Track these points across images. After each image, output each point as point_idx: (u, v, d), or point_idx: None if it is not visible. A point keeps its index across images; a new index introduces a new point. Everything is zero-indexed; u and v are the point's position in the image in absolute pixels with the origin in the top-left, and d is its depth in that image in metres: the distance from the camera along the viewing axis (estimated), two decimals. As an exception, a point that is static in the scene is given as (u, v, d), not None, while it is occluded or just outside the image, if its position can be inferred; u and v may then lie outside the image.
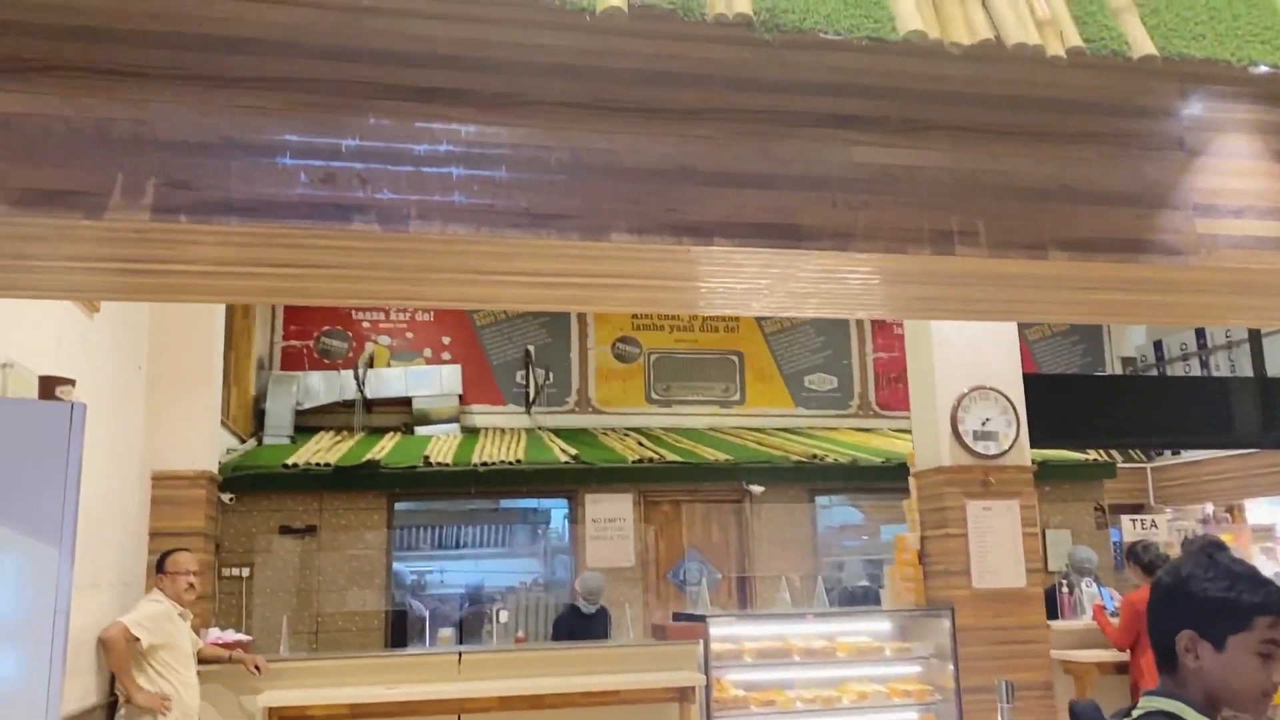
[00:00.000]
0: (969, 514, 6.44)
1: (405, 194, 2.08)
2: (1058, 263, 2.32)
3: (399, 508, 8.80)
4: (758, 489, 9.04)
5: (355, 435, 9.55)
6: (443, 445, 9.02)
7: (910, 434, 7.05)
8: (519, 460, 8.50)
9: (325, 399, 9.82)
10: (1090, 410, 8.12)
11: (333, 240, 2.10)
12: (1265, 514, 10.11)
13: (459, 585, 9.83)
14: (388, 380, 10.05)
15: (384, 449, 8.76)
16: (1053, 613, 6.73)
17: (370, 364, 10.19)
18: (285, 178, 2.04)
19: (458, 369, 10.23)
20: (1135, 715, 1.64)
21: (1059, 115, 2.34)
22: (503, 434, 9.90)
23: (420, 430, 9.82)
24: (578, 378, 10.80)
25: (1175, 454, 11.16)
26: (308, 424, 9.69)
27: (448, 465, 8.32)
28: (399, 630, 8.23)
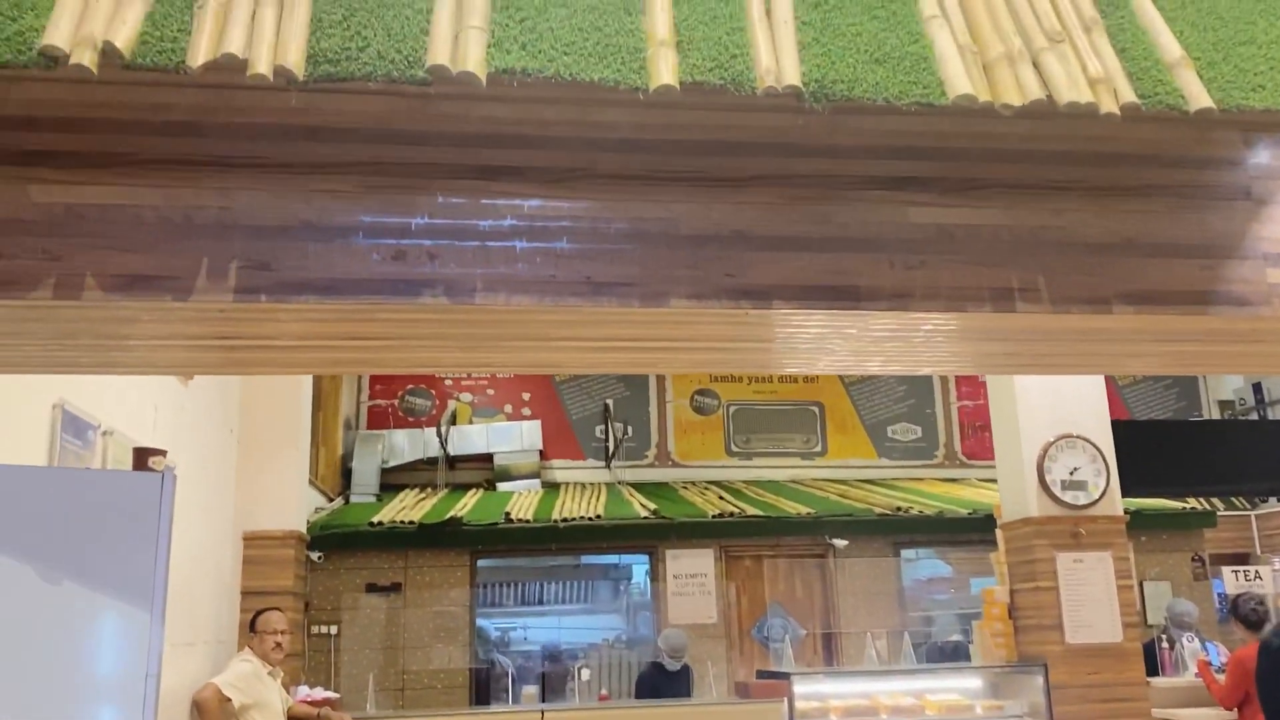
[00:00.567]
0: (1059, 566, 6.26)
1: (471, 268, 2.17)
2: (1123, 317, 2.29)
3: (481, 564, 8.90)
4: (841, 543, 8.92)
5: (439, 492, 9.71)
6: (524, 501, 9.11)
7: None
8: (599, 516, 8.54)
9: (410, 457, 10.02)
10: (1185, 457, 7.85)
11: (403, 314, 2.20)
12: (1382, 564, 9.58)
13: (542, 642, 9.86)
14: (470, 437, 10.22)
15: (466, 506, 8.89)
16: (1152, 669, 6.46)
17: (453, 421, 10.39)
18: (359, 256, 2.15)
19: (538, 425, 10.36)
20: None
21: (1118, 169, 2.33)
22: (583, 489, 9.96)
23: (502, 486, 9.94)
24: (657, 431, 10.83)
25: (1282, 501, 10.68)
26: (393, 482, 9.89)
27: (528, 521, 8.40)
28: (483, 687, 8.28)
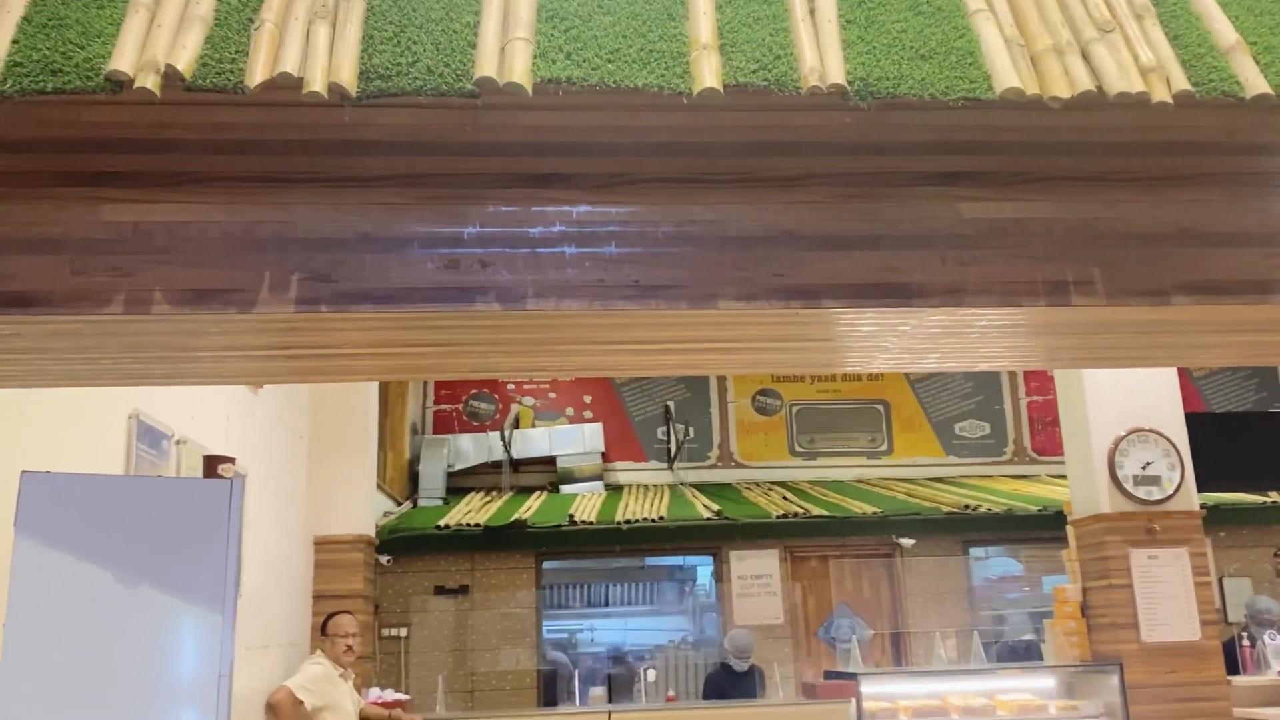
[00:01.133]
0: (1133, 563, 6.14)
1: (522, 274, 2.21)
2: (1182, 308, 2.25)
3: (547, 566, 8.98)
4: (908, 542, 8.83)
5: (503, 495, 9.83)
6: (587, 503, 9.18)
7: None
8: (662, 517, 8.57)
9: (475, 460, 10.16)
10: (1264, 449, 7.61)
11: (456, 321, 2.24)
12: None
13: (608, 643, 9.91)
14: (533, 440, 10.32)
15: (531, 508, 8.98)
16: (1233, 667, 6.29)
17: (516, 425, 10.51)
18: (414, 266, 2.20)
19: (599, 427, 10.42)
20: None
21: (1173, 158, 2.28)
22: (646, 490, 9.99)
23: (565, 488, 10.02)
24: (719, 432, 10.82)
25: (1370, 494, 10.29)
26: (459, 485, 10.03)
27: (592, 523, 8.46)
28: (550, 688, 8.36)
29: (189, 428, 4.36)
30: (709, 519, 8.58)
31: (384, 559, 7.96)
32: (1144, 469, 6.25)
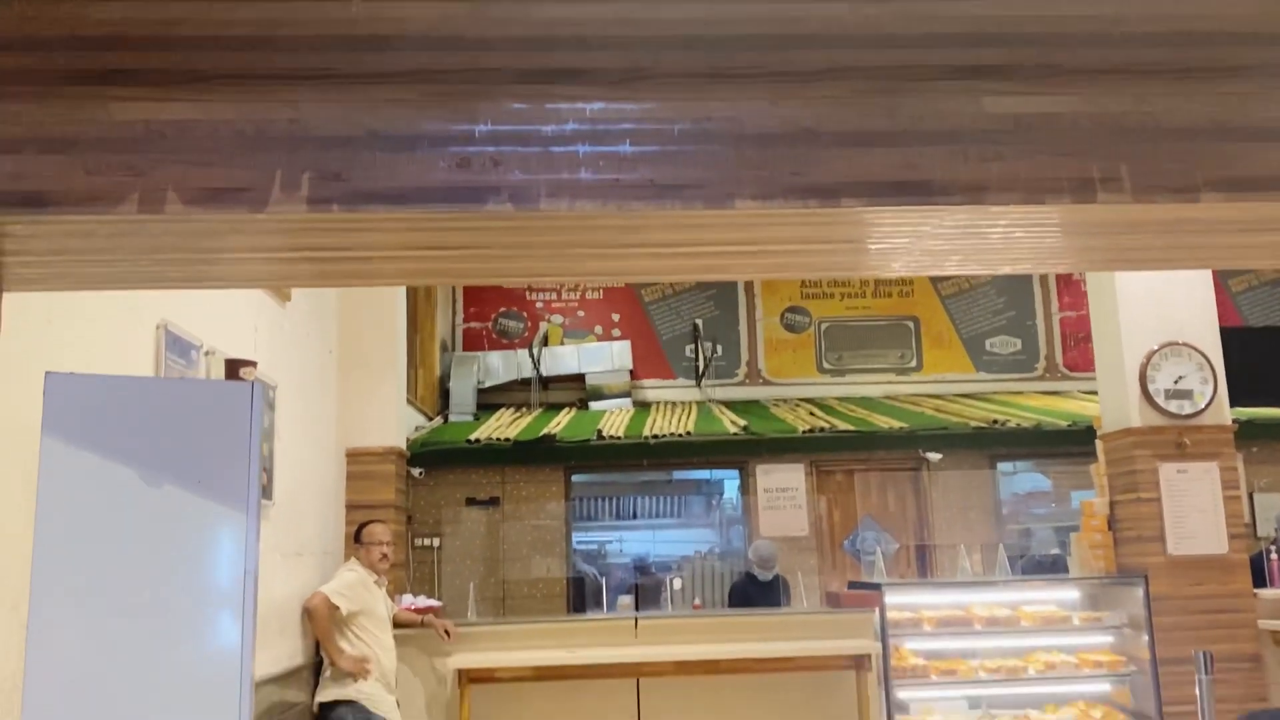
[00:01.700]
0: (1162, 477, 6.11)
1: (535, 173, 2.18)
2: (1212, 205, 2.19)
3: (575, 480, 9.10)
4: (935, 456, 8.83)
5: (533, 411, 9.92)
6: (615, 419, 9.24)
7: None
8: (689, 432, 8.62)
9: (504, 377, 10.25)
10: (1302, 364, 7.47)
11: (470, 222, 2.23)
12: None
13: (635, 554, 10.09)
14: (561, 358, 10.38)
15: (560, 424, 9.07)
16: (1260, 580, 6.29)
17: (545, 343, 10.56)
18: (425, 165, 2.18)
19: (628, 345, 10.44)
20: None
21: (1208, 49, 2.19)
22: (673, 407, 10.04)
23: (594, 405, 10.10)
24: (747, 350, 10.81)
25: None
26: (489, 402, 10.14)
27: (620, 438, 8.53)
28: (579, 596, 8.54)
29: (217, 339, 4.40)
30: (736, 434, 8.62)
31: (416, 472, 8.09)
32: (1176, 383, 6.18)
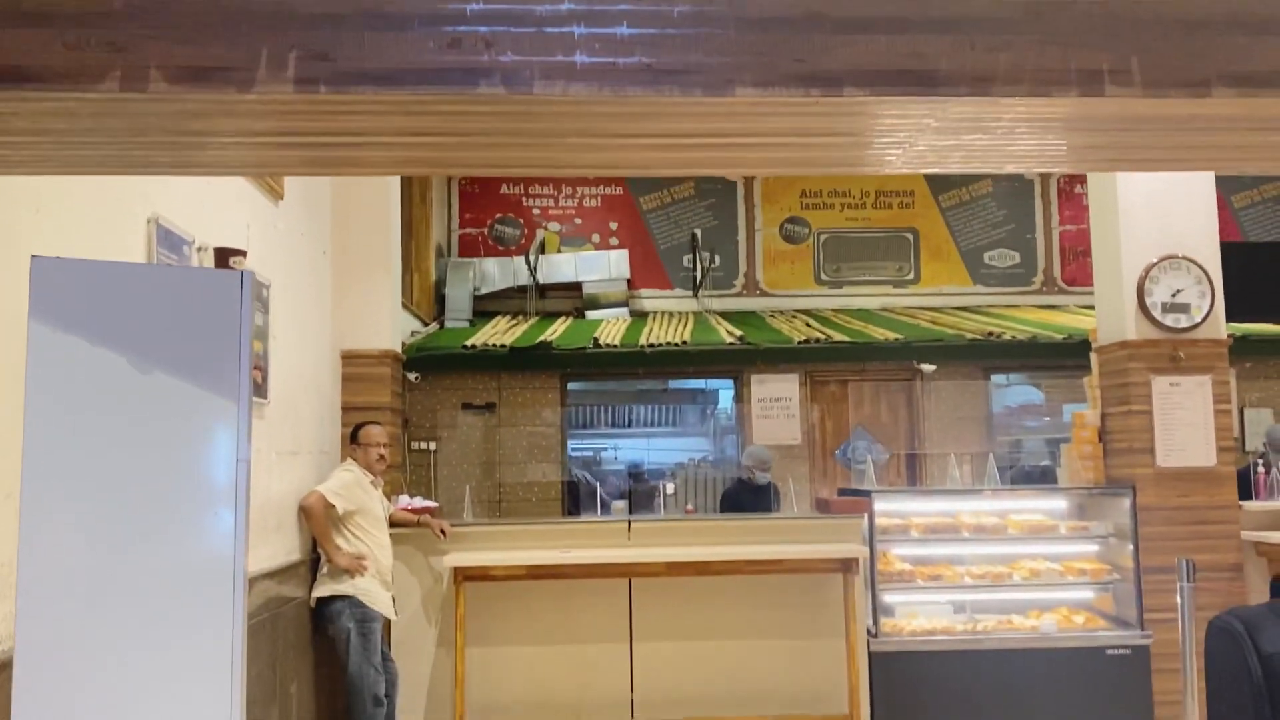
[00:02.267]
0: (1155, 390, 6.14)
1: (528, 55, 2.12)
2: (1224, 100, 2.13)
3: (572, 387, 9.13)
4: (929, 368, 8.85)
5: (529, 319, 9.90)
6: (612, 328, 9.24)
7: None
8: (685, 342, 8.62)
9: (500, 284, 10.20)
10: (1300, 280, 7.44)
11: (461, 106, 2.17)
12: None
13: (630, 461, 10.19)
14: (558, 266, 10.32)
15: (556, 331, 9.06)
16: (1246, 493, 6.37)
17: (542, 250, 10.49)
18: (415, 45, 2.11)
19: (625, 254, 10.38)
20: None
21: (1228, -69, 2.12)
22: (670, 317, 10.03)
23: (590, 314, 10.08)
24: (745, 261, 10.75)
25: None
26: (485, 309, 10.12)
27: (616, 347, 8.54)
28: (574, 500, 8.66)
29: (210, 235, 4.35)
30: (731, 344, 8.62)
31: (412, 376, 8.11)
32: (1174, 296, 6.16)
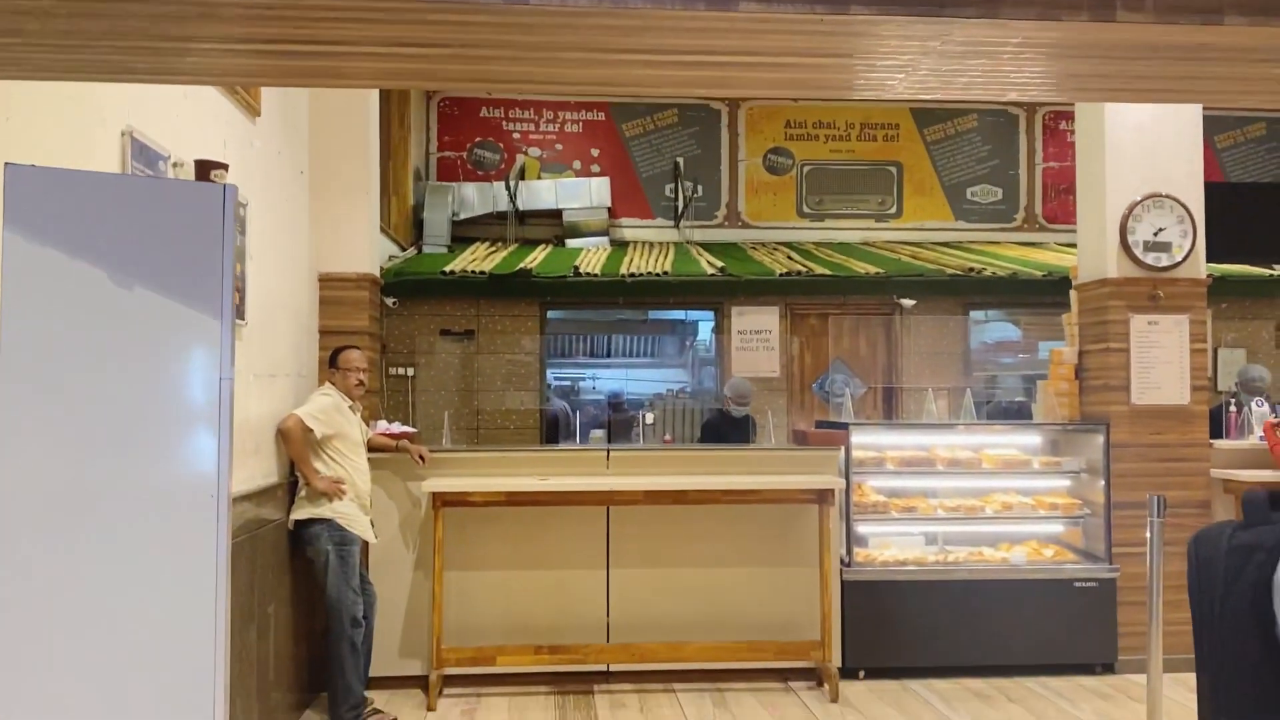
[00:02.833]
0: (1133, 328, 6.17)
1: (526, -37, 2.04)
2: (1236, 28, 2.09)
3: (551, 315, 9.08)
4: (909, 302, 8.87)
5: (509, 246, 9.80)
6: (592, 257, 9.16)
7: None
8: (666, 272, 8.57)
9: (479, 210, 10.07)
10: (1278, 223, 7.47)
11: (454, 15, 2.09)
12: None
13: (609, 391, 10.20)
14: (538, 192, 10.18)
15: (536, 259, 8.98)
16: (1217, 432, 6.46)
17: (521, 176, 10.33)
18: (407, -50, 2.03)
19: (606, 181, 10.25)
20: None
21: None
22: (651, 247, 9.96)
23: (571, 242, 9.99)
24: (727, 191, 10.65)
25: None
26: (464, 235, 9.99)
27: (596, 276, 8.47)
28: (552, 429, 8.67)
29: (185, 151, 4.23)
30: (712, 275, 8.58)
31: (390, 301, 8.02)
32: (1155, 235, 6.17)
